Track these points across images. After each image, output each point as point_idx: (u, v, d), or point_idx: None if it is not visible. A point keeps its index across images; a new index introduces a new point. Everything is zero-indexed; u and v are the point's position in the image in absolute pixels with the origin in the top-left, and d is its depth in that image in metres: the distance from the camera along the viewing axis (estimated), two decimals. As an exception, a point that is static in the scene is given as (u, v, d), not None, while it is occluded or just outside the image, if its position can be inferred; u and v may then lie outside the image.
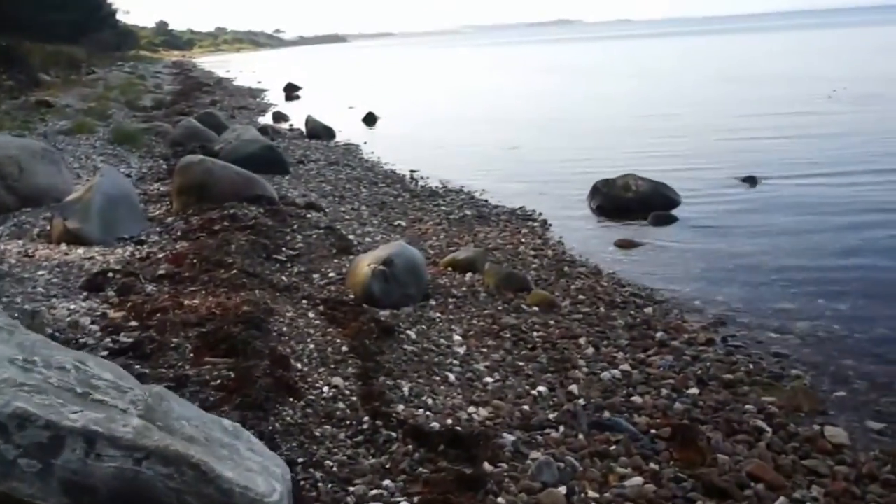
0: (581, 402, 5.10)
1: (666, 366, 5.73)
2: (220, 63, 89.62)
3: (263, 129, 19.95)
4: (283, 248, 8.08)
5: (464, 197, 12.14)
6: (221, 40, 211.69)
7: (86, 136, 15.61)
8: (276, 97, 36.74)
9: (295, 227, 8.94)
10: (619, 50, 72.02)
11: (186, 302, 6.22)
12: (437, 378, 5.33)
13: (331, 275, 7.45)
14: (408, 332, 6.12)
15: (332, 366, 5.24)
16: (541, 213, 11.00)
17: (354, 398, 4.77)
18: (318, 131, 20.14)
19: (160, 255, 7.60)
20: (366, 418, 4.49)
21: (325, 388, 4.82)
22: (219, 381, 4.65)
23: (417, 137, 19.92)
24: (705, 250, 9.04)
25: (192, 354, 5.12)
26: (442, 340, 6.05)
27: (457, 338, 6.15)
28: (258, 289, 6.67)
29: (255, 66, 79.12)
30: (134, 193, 9.23)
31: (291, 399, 4.59)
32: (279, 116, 25.81)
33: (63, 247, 7.86)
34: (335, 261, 7.92)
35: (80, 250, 7.75)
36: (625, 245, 9.46)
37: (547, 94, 30.18)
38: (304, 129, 20.86)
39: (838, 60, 39.65)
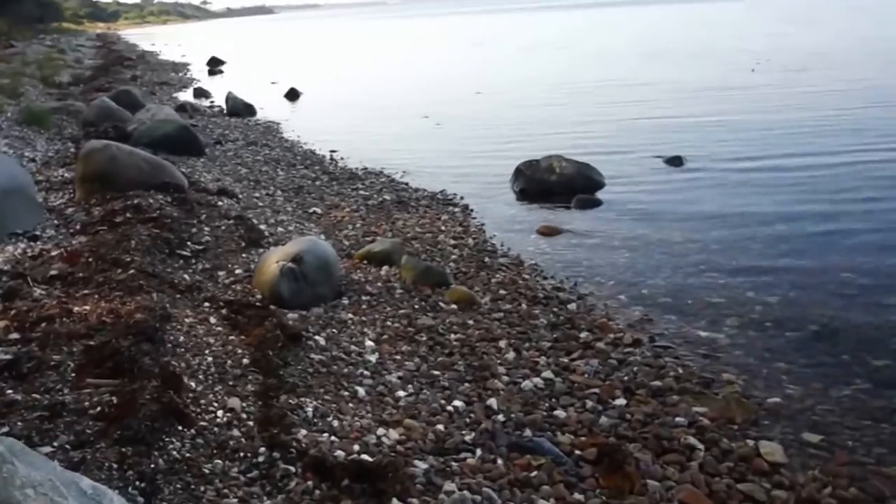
0: (500, 417, 4.74)
1: (591, 372, 5.41)
2: (145, 35, 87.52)
3: (182, 107, 19.32)
4: (189, 243, 7.58)
5: (384, 180, 11.71)
6: (148, 12, 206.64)
7: (-8, 116, 14.78)
8: (199, 72, 35.76)
9: (203, 217, 8.43)
10: (548, 21, 71.64)
11: (76, 308, 5.72)
12: (346, 394, 4.93)
13: (238, 272, 6.99)
14: (316, 337, 5.70)
15: (231, 382, 4.80)
16: (462, 198, 10.63)
17: (252, 423, 4.34)
18: (239, 109, 19.54)
19: (54, 253, 7.04)
20: (262, 449, 4.06)
21: (220, 413, 4.38)
22: (98, 409, 4.18)
23: (339, 115, 19.39)
24: (630, 237, 8.74)
25: (74, 374, 4.64)
26: (353, 347, 5.65)
27: (369, 343, 5.75)
28: (157, 290, 6.18)
29: (180, 38, 77.25)
30: (29, 183, 8.61)
31: (181, 427, 4.14)
32: (200, 92, 25.05)
33: (-54, 246, 7.28)
34: (244, 255, 7.46)
35: (-34, 249, 7.18)
36: (547, 232, 9.12)
37: (471, 70, 29.66)
38: (224, 106, 20.19)
39: (752, 32, 39.43)
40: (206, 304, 6.20)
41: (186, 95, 24.50)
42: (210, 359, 5.09)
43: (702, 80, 21.46)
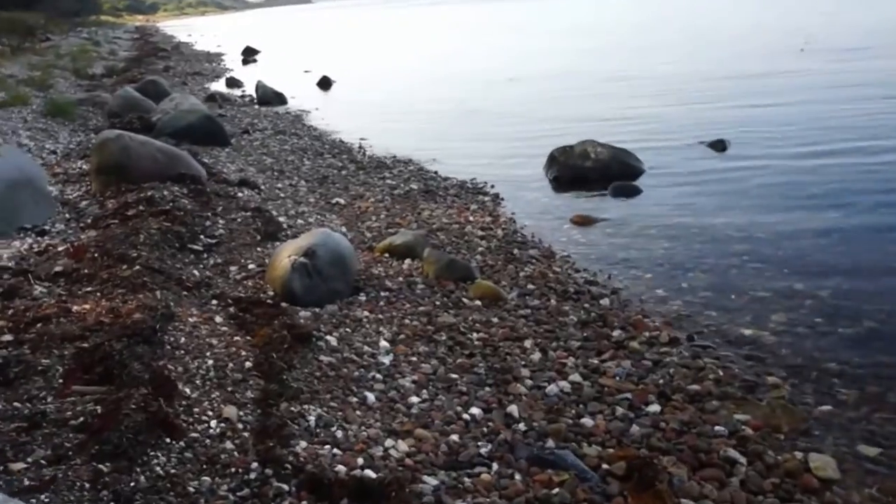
0: (521, 426, 4.33)
1: (623, 374, 4.97)
2: (182, 27, 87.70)
3: (212, 97, 19.08)
4: (201, 236, 7.24)
5: (412, 168, 11.30)
6: (186, 3, 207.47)
7: (19, 108, 14.57)
8: (233, 62, 35.57)
9: (219, 209, 8.09)
10: (586, 4, 70.75)
11: (75, 308, 5.40)
12: (354, 400, 4.54)
13: (250, 267, 6.63)
14: (328, 337, 5.32)
15: (230, 388, 4.44)
16: (493, 186, 10.19)
17: (248, 434, 3.97)
18: (269, 97, 19.25)
19: (60, 249, 6.73)
20: (255, 464, 3.68)
21: (214, 423, 4.01)
22: (81, 420, 3.83)
23: (371, 102, 19.02)
24: (669, 226, 8.26)
25: (61, 381, 4.30)
26: (366, 348, 5.26)
27: (384, 343, 5.36)
28: (162, 288, 5.85)
29: (217, 29, 77.34)
30: (40, 176, 8.32)
31: (169, 440, 3.78)
32: (233, 82, 24.78)
33: (-49, 241, 7.01)
34: (258, 249, 7.10)
35: (-29, 245, 6.90)
36: (582, 222, 8.67)
37: (504, 57, 29.09)
38: (255, 95, 19.91)
39: (804, 10, 38.33)
40: (214, 301, 5.85)
41: (219, 85, 24.23)
42: (210, 362, 4.72)
43: (747, 61, 20.74)
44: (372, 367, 4.99)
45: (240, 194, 9.07)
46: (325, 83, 23.18)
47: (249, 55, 37.76)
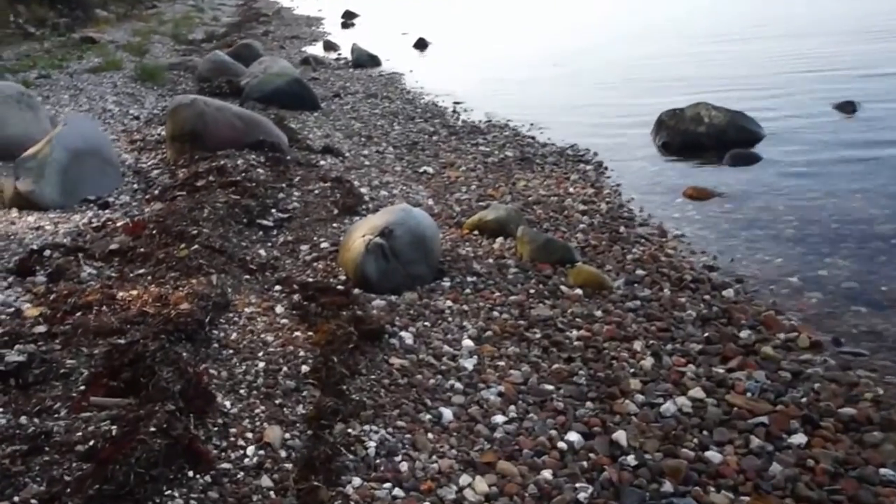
0: (630, 460, 3.48)
1: (756, 389, 4.07)
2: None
3: (306, 60, 18.50)
4: (273, 210, 6.57)
5: (508, 134, 10.39)
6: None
7: (111, 73, 14.21)
8: (333, 25, 35.03)
9: (296, 179, 7.40)
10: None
11: (121, 294, 4.79)
12: (428, 417, 3.76)
13: (323, 246, 5.92)
14: (403, 333, 4.56)
15: (279, 400, 3.72)
16: (595, 154, 9.23)
17: (290, 465, 3.24)
18: (364, 60, 18.52)
19: (119, 224, 6.14)
20: (293, 512, 2.95)
21: (252, 449, 3.29)
22: (90, 444, 3.15)
23: (468, 64, 18.07)
24: (798, 201, 7.23)
25: (83, 387, 3.65)
26: (446, 348, 4.48)
27: (467, 342, 4.56)
28: (220, 271, 5.17)
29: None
30: (107, 144, 7.73)
31: (192, 473, 3.08)
32: (329, 45, 24.16)
33: (13, 213, 6.51)
34: (334, 225, 6.39)
35: (31, 217, 6.40)
36: (696, 195, 7.68)
37: (603, 15, 27.71)
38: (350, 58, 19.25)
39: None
40: (278, 287, 5.14)
41: (316, 49, 23.66)
42: (261, 365, 4.03)
43: (876, 13, 19.03)
44: (451, 374, 4.21)
45: (322, 162, 8.39)
46: (421, 44, 22.37)
47: (349, 18, 37.20)
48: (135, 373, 3.66)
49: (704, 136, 9.37)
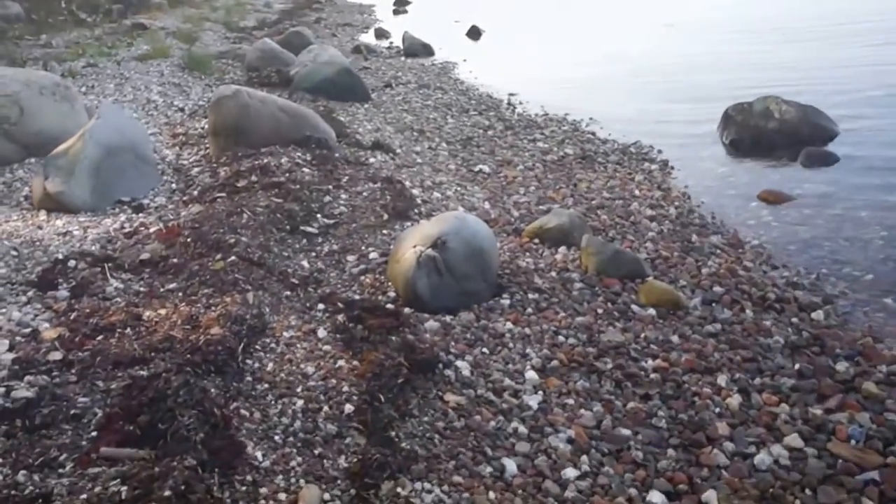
0: (725, 532, 2.97)
1: (860, 436, 3.52)
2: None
3: (357, 49, 18.11)
4: (318, 215, 6.09)
5: (566, 129, 9.84)
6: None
7: (159, 61, 13.87)
8: (384, 12, 34.60)
9: (344, 179, 6.92)
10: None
11: (147, 314, 4.35)
12: (489, 470, 3.26)
13: (372, 256, 5.44)
14: (459, 363, 4.07)
15: (319, 450, 3.25)
16: (660, 151, 8.69)
17: (329, 537, 2.77)
18: (416, 49, 18.07)
19: (153, 230, 5.71)
20: None
21: (282, 517, 2.82)
22: (97, 510, 2.71)
23: (522, 54, 17.52)
24: (884, 207, 6.66)
25: (95, 432, 3.21)
26: (507, 381, 3.98)
27: (531, 374, 4.06)
28: (258, 287, 4.72)
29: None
30: (144, 139, 7.31)
31: (213, 549, 2.62)
32: (381, 33, 23.77)
33: (41, 216, 6.11)
34: (384, 232, 5.91)
35: (60, 221, 6.00)
36: (772, 199, 7.10)
37: (672, 9, 26.83)
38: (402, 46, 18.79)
39: None
40: (321, 305, 4.67)
41: (368, 37, 23.25)
42: (300, 403, 3.57)
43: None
44: (514, 413, 3.71)
45: (371, 160, 7.91)
46: (474, 32, 21.84)
47: (401, 5, 36.73)
48: (154, 416, 3.21)
49: (775, 133, 8.85)
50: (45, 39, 15.28)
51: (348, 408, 3.54)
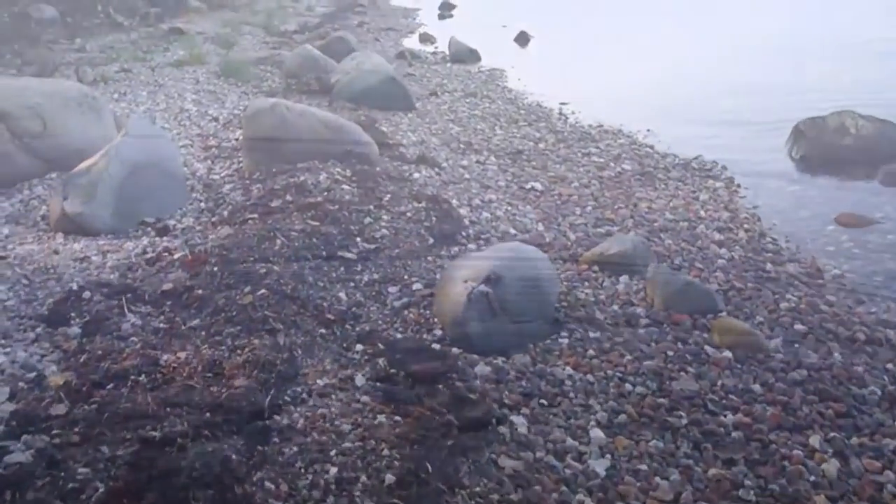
0: None
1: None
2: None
3: (401, 54, 17.64)
4: (358, 238, 5.60)
5: (622, 142, 9.24)
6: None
7: (195, 68, 13.53)
8: (429, 16, 34.20)
9: (385, 198, 6.43)
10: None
11: (165, 357, 3.89)
12: (551, 562, 2.76)
13: (416, 287, 4.93)
14: (514, 418, 3.56)
15: (353, 534, 2.76)
16: (724, 168, 8.07)
17: None
18: (462, 55, 17.54)
19: (176, 256, 5.27)
20: None
21: None
22: None
23: (573, 61, 16.92)
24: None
25: (94, 511, 2.76)
26: (570, 441, 3.46)
27: (596, 432, 3.53)
28: (291, 324, 4.25)
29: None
30: (172, 155, 6.83)
31: None
32: (426, 38, 23.26)
33: (58, 239, 5.69)
34: (429, 258, 5.41)
35: (78, 245, 5.57)
36: (851, 223, 6.51)
37: (727, 15, 26.12)
38: (447, 52, 18.30)
39: None
40: (359, 346, 4.18)
41: (412, 41, 22.81)
42: (333, 471, 3.08)
43: None
44: (579, 481, 3.19)
45: (416, 175, 7.40)
46: (522, 38, 21.28)
47: (446, 9, 36.30)
48: (164, 494, 2.74)
49: (850, 150, 8.28)
50: (79, 44, 15.00)
51: (389, 478, 3.04)
